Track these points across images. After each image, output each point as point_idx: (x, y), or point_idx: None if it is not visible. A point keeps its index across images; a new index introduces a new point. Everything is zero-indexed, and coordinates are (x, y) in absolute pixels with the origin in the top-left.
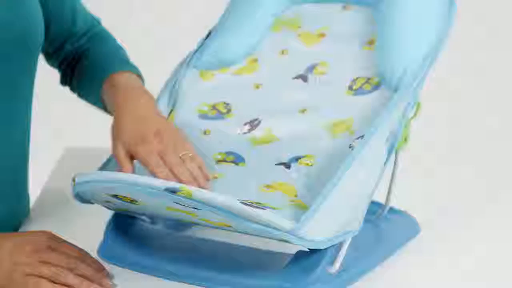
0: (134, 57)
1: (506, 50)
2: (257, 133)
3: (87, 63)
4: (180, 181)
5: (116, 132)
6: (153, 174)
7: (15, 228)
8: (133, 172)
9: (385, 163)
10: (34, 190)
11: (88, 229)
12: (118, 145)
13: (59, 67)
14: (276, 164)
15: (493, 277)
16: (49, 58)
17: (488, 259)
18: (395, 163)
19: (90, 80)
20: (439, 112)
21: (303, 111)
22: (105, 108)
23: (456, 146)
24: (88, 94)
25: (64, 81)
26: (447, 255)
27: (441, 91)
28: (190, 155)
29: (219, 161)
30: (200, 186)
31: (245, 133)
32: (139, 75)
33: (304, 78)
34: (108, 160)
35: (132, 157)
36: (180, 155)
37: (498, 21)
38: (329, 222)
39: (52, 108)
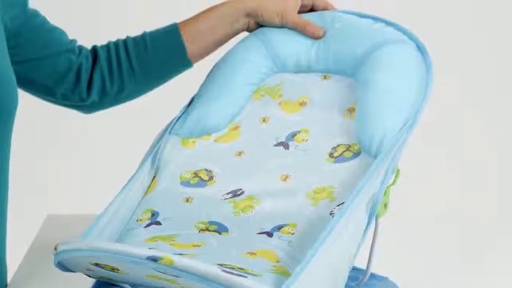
0: None
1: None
2: (240, 201)
3: (138, 51)
4: None
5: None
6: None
7: None
8: None
9: (365, 230)
10: (16, 258)
11: None
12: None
13: (75, 87)
14: (258, 233)
15: None
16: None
17: None
18: (375, 229)
19: (160, 55)
20: (422, 176)
21: (284, 178)
22: (187, 64)
23: (437, 211)
24: (161, 69)
25: (102, 88)
26: None
27: (422, 152)
28: None
29: (201, 230)
30: None
31: (226, 199)
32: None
33: (285, 145)
34: (90, 228)
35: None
36: None
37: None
38: None
39: (33, 175)
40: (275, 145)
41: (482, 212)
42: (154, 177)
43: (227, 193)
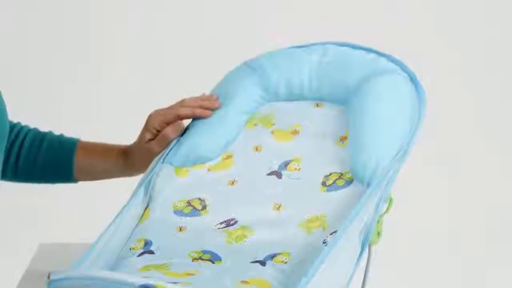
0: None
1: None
2: (233, 230)
3: (31, 145)
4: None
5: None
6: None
7: None
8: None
9: (358, 258)
10: (9, 287)
11: None
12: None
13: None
14: (251, 262)
15: None
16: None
17: None
18: (368, 258)
19: (48, 159)
20: (416, 204)
21: (277, 208)
22: (68, 177)
23: (430, 240)
24: (43, 171)
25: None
26: None
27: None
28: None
29: (195, 259)
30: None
31: (219, 228)
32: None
33: (278, 174)
34: (83, 257)
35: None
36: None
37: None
38: None
39: (26, 204)
40: (268, 174)
41: (476, 240)
42: (147, 206)
43: (220, 223)
